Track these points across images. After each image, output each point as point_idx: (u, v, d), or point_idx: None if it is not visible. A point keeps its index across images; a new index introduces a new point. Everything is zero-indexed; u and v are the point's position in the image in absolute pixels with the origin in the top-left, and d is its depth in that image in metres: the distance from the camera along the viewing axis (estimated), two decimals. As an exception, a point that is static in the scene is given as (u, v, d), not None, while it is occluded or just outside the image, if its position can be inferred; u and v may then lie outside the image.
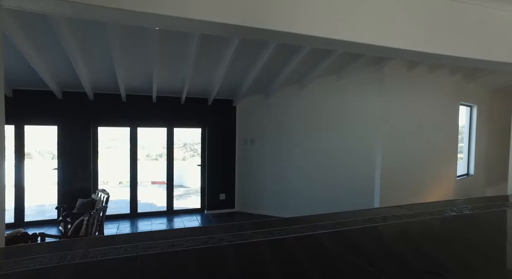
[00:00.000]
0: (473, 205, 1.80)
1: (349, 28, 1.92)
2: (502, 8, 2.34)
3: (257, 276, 0.94)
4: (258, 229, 1.28)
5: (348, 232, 1.29)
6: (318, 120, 5.30)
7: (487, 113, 6.57)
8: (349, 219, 1.43)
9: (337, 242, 1.22)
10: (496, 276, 1.00)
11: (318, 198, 5.16)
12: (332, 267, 1.02)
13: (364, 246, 1.22)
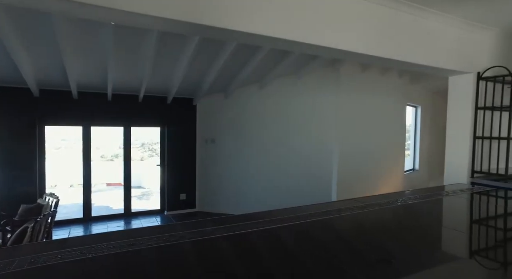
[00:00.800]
0: (416, 195, 1.99)
1: (307, 31, 2.00)
2: (439, 21, 2.61)
3: (220, 271, 0.96)
4: (218, 225, 1.29)
5: (306, 224, 1.36)
6: (278, 118, 5.43)
7: (430, 113, 7.22)
8: (306, 213, 1.50)
9: (297, 235, 1.28)
10: (435, 258, 1.11)
11: (278, 195, 5.29)
12: (293, 259, 1.07)
13: (322, 238, 1.29)
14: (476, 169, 2.99)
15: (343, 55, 2.37)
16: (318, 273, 0.94)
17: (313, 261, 1.04)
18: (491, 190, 2.33)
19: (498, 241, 1.32)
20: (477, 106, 2.95)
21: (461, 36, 2.81)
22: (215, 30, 1.75)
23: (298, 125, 5.36)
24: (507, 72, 2.81)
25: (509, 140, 2.83)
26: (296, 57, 4.36)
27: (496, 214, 1.72)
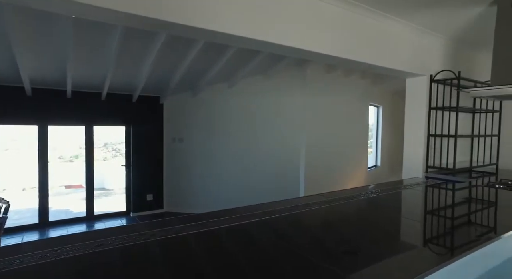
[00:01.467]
0: (378, 189, 2.12)
1: (274, 31, 2.05)
2: (397, 27, 2.79)
3: (190, 267, 0.96)
4: (188, 223, 1.29)
5: (275, 219, 1.40)
6: (246, 117, 5.46)
7: (390, 112, 7.65)
8: (275, 209, 1.55)
9: (266, 229, 1.32)
10: (395, 248, 1.20)
11: (247, 193, 5.33)
12: (261, 253, 1.10)
13: (290, 232, 1.34)
14: (430, 164, 3.23)
15: (309, 55, 2.45)
16: (286, 265, 0.98)
17: (281, 254, 1.07)
18: (442, 183, 2.54)
19: (448, 227, 1.45)
20: (430, 106, 3.19)
21: (416, 42, 3.02)
22: (180, 27, 1.73)
23: (267, 123, 5.43)
24: (454, 75, 3.07)
25: (456, 137, 3.10)
26: (264, 56, 4.42)
27: (446, 204, 1.88)
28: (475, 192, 2.16)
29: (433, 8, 2.51)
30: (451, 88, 3.24)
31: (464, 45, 3.54)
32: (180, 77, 4.62)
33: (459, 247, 1.16)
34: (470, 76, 3.43)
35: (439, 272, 0.93)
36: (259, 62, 4.63)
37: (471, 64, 3.65)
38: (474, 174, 3.26)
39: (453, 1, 2.36)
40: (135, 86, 4.91)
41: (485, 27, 2.50)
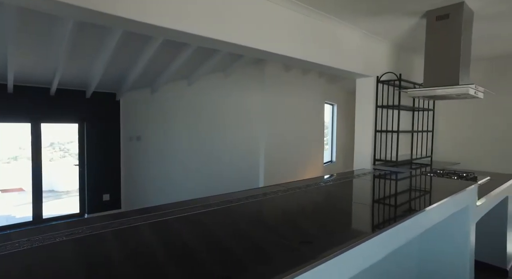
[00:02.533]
0: (331, 178, 2.32)
1: (233, 31, 2.14)
2: (348, 31, 3.03)
3: (147, 255, 1.00)
4: (144, 214, 1.34)
5: (235, 207, 1.49)
6: (207, 114, 5.49)
7: (344, 110, 8.14)
8: (235, 197, 1.65)
9: (227, 216, 1.40)
10: (346, 236, 1.35)
11: (210, 189, 5.36)
12: (218, 241, 1.15)
13: (249, 219, 1.42)
14: (377, 158, 3.56)
15: (267, 56, 2.57)
16: (242, 251, 1.04)
17: (237, 242, 1.12)
18: (387, 173, 2.83)
19: (390, 205, 1.66)
20: (377, 104, 3.51)
21: (364, 46, 3.30)
22: (136, 24, 1.72)
23: (227, 120, 5.51)
24: (396, 77, 3.42)
25: (398, 133, 3.46)
26: (224, 55, 4.48)
27: (390, 190, 2.13)
28: (413, 180, 2.46)
29: (377, 16, 2.77)
30: (394, 88, 3.60)
31: (404, 50, 3.94)
32: (138, 73, 4.51)
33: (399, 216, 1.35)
34: (409, 78, 3.83)
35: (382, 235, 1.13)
36: (219, 60, 4.68)
37: (410, 67, 4.07)
38: (414, 165, 3.66)
39: (393, 12, 2.64)
40: (89, 81, 4.69)
41: (420, 35, 2.82)
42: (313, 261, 0.92)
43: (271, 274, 0.83)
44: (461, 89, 2.50)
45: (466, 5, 2.45)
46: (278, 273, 0.83)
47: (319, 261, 0.93)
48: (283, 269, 0.85)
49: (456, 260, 1.94)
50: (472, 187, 2.02)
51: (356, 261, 1.08)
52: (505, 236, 2.77)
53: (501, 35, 3.32)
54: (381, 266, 1.83)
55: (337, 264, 0.99)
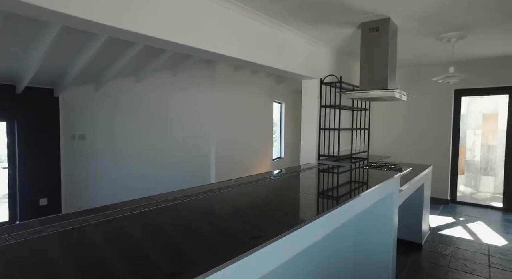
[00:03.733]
0: (280, 173, 2.51)
1: (181, 33, 2.20)
2: (294, 36, 3.26)
3: (92, 256, 0.99)
4: (87, 215, 1.31)
5: (185, 203, 1.55)
6: (156, 112, 5.37)
7: (291, 109, 8.55)
8: (185, 194, 1.74)
9: (177, 213, 1.43)
10: (293, 223, 1.52)
11: (157, 188, 5.26)
12: (168, 238, 1.17)
13: (199, 215, 1.46)
14: (321, 153, 3.89)
15: (216, 57, 2.65)
16: (191, 247, 1.06)
17: (186, 238, 1.13)
18: (330, 167, 3.13)
19: (334, 198, 1.89)
20: (320, 104, 3.83)
21: (309, 50, 3.58)
22: (76, 20, 1.68)
23: (177, 118, 5.45)
24: (337, 79, 3.77)
25: (339, 130, 3.82)
26: (172, 53, 4.44)
27: (332, 183, 2.39)
28: (352, 172, 2.78)
29: (320, 24, 3.04)
30: (335, 90, 3.96)
31: (344, 55, 4.34)
32: (80, 69, 4.24)
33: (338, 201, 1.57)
34: (349, 80, 4.24)
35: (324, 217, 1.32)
36: (168, 58, 4.62)
37: (350, 71, 4.50)
38: (353, 159, 4.07)
39: (334, 21, 2.93)
40: (20, 75, 4.27)
41: (357, 43, 3.17)
42: (258, 245, 0.99)
43: (217, 264, 0.87)
44: (389, 93, 2.89)
45: (391, 20, 2.83)
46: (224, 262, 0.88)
47: (263, 244, 1.02)
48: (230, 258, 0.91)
49: (383, 238, 2.28)
50: (396, 176, 2.37)
51: (301, 240, 1.26)
52: (420, 216, 3.28)
53: (417, 46, 3.86)
54: (323, 245, 2.08)
55: (283, 244, 1.12)
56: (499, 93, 4.89)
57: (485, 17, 2.81)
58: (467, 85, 4.85)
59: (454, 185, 5.30)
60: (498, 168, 5.12)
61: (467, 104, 5.45)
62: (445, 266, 2.89)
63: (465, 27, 3.09)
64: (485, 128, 5.61)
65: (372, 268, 2.36)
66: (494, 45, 3.84)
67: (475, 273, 2.76)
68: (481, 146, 5.70)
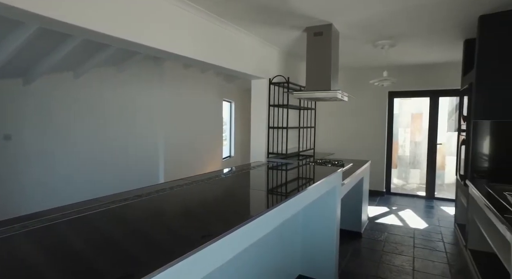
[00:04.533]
0: (230, 171, 2.55)
1: (127, 28, 2.11)
2: (245, 37, 3.32)
3: (28, 267, 0.93)
4: (24, 222, 1.20)
5: (133, 205, 1.51)
6: (97, 111, 5.02)
7: (241, 107, 8.64)
8: (142, 192, 1.69)
9: (124, 215, 1.37)
10: (238, 222, 1.57)
11: (101, 191, 4.94)
12: (121, 238, 1.14)
13: (147, 216, 1.41)
14: (270, 151, 4.02)
15: (167, 55, 2.59)
16: (139, 250, 1.03)
17: (134, 241, 1.09)
18: (279, 164, 3.26)
19: (282, 193, 1.99)
20: (269, 104, 3.95)
21: (259, 51, 3.67)
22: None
23: (123, 117, 5.16)
24: (285, 80, 3.93)
25: (287, 129, 3.99)
26: (115, 49, 4.20)
27: (281, 179, 2.50)
28: (299, 169, 2.93)
29: (270, 27, 3.15)
30: (283, 90, 4.12)
31: (292, 56, 4.53)
32: (4, 61, 3.78)
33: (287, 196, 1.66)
34: (296, 81, 4.44)
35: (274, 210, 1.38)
36: (113, 53, 4.36)
37: (297, 72, 4.71)
38: (300, 156, 4.28)
39: (282, 24, 3.06)
40: None
41: (304, 46, 3.34)
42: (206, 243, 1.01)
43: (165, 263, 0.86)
44: (332, 93, 3.11)
45: (334, 26, 3.05)
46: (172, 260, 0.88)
47: (212, 241, 1.04)
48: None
49: (327, 228, 2.47)
50: (338, 171, 2.57)
51: (251, 234, 1.32)
52: (360, 207, 3.59)
53: (356, 51, 4.21)
54: (274, 236, 2.18)
55: (232, 240, 1.16)
56: (422, 96, 5.55)
57: (410, 30, 3.18)
58: (398, 88, 5.41)
59: (388, 178, 5.88)
60: (423, 161, 5.80)
61: (399, 104, 6.08)
62: (380, 250, 3.22)
63: (395, 37, 3.46)
64: (413, 126, 6.33)
65: (318, 256, 2.53)
66: (418, 54, 4.35)
67: (403, 254, 3.13)
68: (410, 142, 6.41)
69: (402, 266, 2.86)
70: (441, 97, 5.39)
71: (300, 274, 2.61)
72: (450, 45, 3.79)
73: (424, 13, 2.73)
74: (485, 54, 2.71)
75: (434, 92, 5.37)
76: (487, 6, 2.53)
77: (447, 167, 5.94)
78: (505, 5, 2.50)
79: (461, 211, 3.56)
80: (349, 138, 5.94)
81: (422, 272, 2.75)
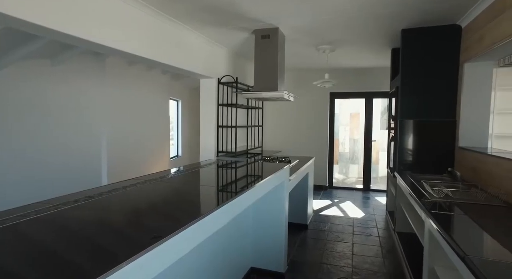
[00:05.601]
0: (182, 169, 2.54)
1: (71, 22, 1.99)
2: (194, 37, 3.31)
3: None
4: None
5: (70, 210, 1.40)
6: (27, 107, 4.54)
7: (188, 106, 8.49)
8: (96, 192, 1.62)
9: (64, 222, 1.28)
10: (198, 204, 1.60)
11: (40, 192, 4.49)
12: (62, 247, 1.08)
13: (89, 222, 1.32)
14: (219, 150, 4.06)
15: (109, 51, 2.46)
16: (84, 256, 1.02)
17: (79, 247, 1.04)
18: (229, 162, 3.33)
19: (232, 191, 2.06)
20: (218, 103, 3.99)
21: (208, 51, 3.68)
22: None
23: (58, 115, 4.73)
24: (233, 80, 4.01)
25: (236, 128, 4.08)
26: (48, 41, 3.85)
27: (231, 176, 2.57)
28: (248, 166, 3.03)
29: (219, 28, 3.19)
30: (232, 89, 4.19)
31: (241, 57, 4.62)
32: None
33: (237, 192, 1.73)
34: (244, 81, 4.54)
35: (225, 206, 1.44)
36: (44, 45, 3.98)
37: (245, 72, 4.82)
38: (249, 154, 4.39)
39: (231, 26, 3.12)
40: None
41: (252, 47, 3.45)
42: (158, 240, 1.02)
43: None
44: (279, 94, 3.27)
45: (280, 30, 3.21)
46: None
47: (163, 239, 1.04)
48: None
49: (276, 221, 2.61)
50: (285, 167, 2.73)
51: (203, 230, 1.36)
52: (306, 201, 3.84)
53: (301, 54, 4.47)
54: (227, 230, 2.24)
55: (184, 238, 1.18)
56: (359, 97, 6.09)
57: (346, 37, 3.49)
58: (338, 89, 5.85)
59: (331, 173, 6.33)
60: (360, 157, 6.37)
61: (339, 105, 6.57)
62: (324, 239, 3.49)
63: (334, 43, 3.76)
64: (352, 125, 6.90)
65: (268, 248, 2.66)
66: (355, 59, 4.78)
67: (344, 241, 3.43)
68: (349, 139, 6.98)
69: (343, 252, 3.14)
70: (374, 98, 5.97)
71: (252, 266, 2.72)
72: (381, 52, 4.24)
73: (357, 24, 3.03)
74: (407, 62, 3.11)
75: (369, 93, 5.93)
76: (408, 21, 2.91)
77: (381, 161, 6.61)
78: (422, 21, 2.90)
79: (391, 199, 4.02)
80: (295, 136, 6.25)
81: (360, 255, 3.06)
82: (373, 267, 2.83)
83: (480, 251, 1.29)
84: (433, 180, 2.41)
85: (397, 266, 2.85)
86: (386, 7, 2.56)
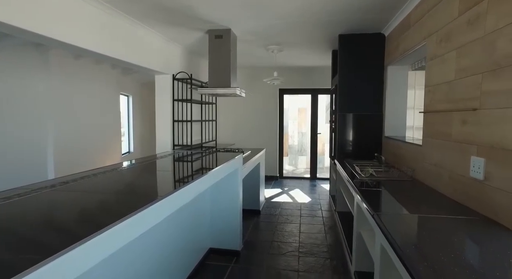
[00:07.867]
0: (137, 162, 2.67)
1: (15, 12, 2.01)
2: (149, 34, 3.39)
3: None
4: None
5: (41, 195, 1.56)
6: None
7: (140, 102, 8.31)
8: (40, 186, 1.70)
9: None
10: (154, 188, 1.78)
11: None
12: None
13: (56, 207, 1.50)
14: (176, 143, 4.19)
15: (58, 44, 2.43)
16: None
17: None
18: (185, 155, 3.50)
19: (189, 175, 2.26)
20: (173, 98, 4.11)
21: (163, 48, 3.78)
22: None
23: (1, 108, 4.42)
24: (188, 76, 4.16)
25: (191, 122, 4.25)
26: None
27: (188, 165, 2.77)
28: (204, 157, 3.24)
29: (174, 27, 3.32)
30: (187, 85, 4.34)
31: (195, 54, 4.77)
32: None
33: (194, 176, 1.95)
34: (198, 77, 4.70)
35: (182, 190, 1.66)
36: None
37: (199, 69, 4.97)
38: (204, 148, 4.59)
39: (185, 26, 3.28)
40: None
41: (206, 45, 3.64)
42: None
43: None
44: (231, 90, 3.52)
45: (232, 31, 3.46)
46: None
47: (118, 221, 1.09)
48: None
49: (232, 204, 2.89)
50: (239, 156, 3.01)
51: (160, 211, 1.49)
52: (258, 190, 4.18)
53: (252, 53, 4.77)
54: (186, 213, 2.45)
55: (143, 216, 1.27)
56: (306, 93, 6.60)
57: (292, 39, 3.86)
58: (286, 86, 6.29)
59: (281, 164, 6.78)
60: (308, 149, 6.92)
61: (288, 100, 7.04)
62: (275, 222, 3.86)
63: (282, 44, 4.12)
64: (300, 119, 7.43)
65: (225, 229, 2.93)
66: (301, 58, 5.22)
67: (293, 222, 3.85)
68: (298, 133, 7.51)
69: (291, 231, 3.54)
70: (319, 94, 6.53)
71: (210, 247, 2.96)
72: (323, 53, 4.72)
73: (301, 28, 3.40)
74: (343, 63, 3.58)
75: (314, 90, 6.47)
76: (344, 28, 3.36)
77: (326, 152, 7.25)
78: (355, 29, 3.37)
79: (333, 185, 4.54)
80: (247, 130, 6.58)
81: (306, 233, 3.48)
82: (317, 241, 3.26)
83: (387, 211, 1.71)
84: (363, 164, 2.88)
85: (336, 238, 3.32)
86: (327, 15, 2.96)
